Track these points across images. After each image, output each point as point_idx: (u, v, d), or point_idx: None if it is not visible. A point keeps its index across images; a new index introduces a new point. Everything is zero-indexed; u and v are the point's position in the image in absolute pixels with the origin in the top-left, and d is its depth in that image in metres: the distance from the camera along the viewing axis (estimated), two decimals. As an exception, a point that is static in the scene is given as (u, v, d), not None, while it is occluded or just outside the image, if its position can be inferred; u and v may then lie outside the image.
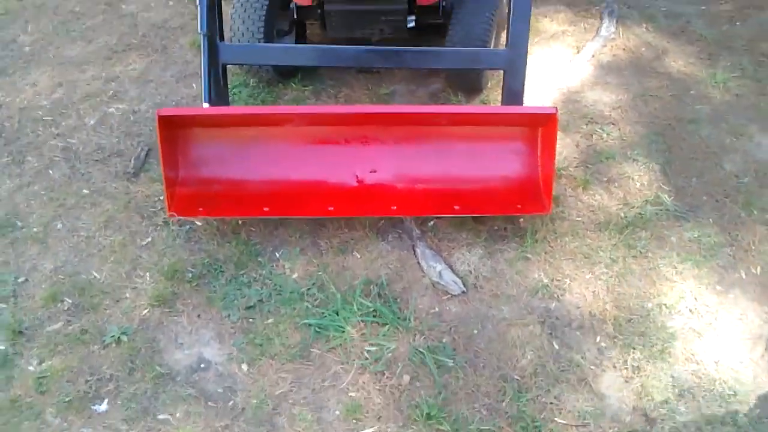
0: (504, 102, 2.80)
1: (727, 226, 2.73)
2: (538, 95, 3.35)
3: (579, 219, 2.76)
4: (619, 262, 2.59)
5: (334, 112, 2.77)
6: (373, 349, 2.35)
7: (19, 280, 2.59)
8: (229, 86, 3.04)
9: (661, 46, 3.72)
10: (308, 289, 2.54)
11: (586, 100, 3.34)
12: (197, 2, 2.67)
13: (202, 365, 2.33)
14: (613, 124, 3.20)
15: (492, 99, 3.36)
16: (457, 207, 2.61)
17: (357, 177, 2.70)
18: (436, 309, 2.48)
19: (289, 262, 2.64)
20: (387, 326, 2.41)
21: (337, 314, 2.44)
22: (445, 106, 3.19)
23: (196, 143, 2.67)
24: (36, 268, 2.64)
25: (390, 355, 2.33)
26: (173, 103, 3.41)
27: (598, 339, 2.36)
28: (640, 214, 2.77)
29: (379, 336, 2.38)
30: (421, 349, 2.33)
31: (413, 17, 3.08)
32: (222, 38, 2.84)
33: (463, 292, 2.51)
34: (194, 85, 3.49)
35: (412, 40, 3.11)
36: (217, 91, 2.81)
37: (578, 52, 3.66)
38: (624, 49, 3.69)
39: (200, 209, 2.60)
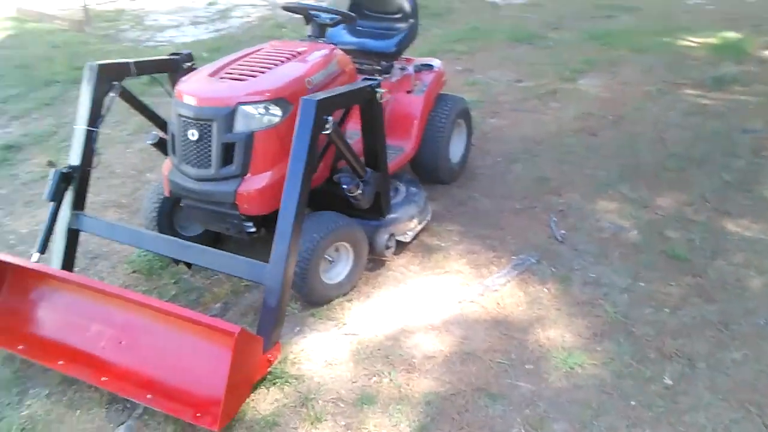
0: (261, 316, 2.72)
1: None
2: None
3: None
4: None
5: (81, 283, 2.87)
6: None
7: None
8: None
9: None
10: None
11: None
12: (50, 175, 3.11)
13: None
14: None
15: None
16: (149, 396, 2.48)
17: (102, 345, 2.70)
18: None
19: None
20: None
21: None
22: (156, 300, 2.98)
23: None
24: None
25: None
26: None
27: None
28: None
29: None
30: None
31: (251, 224, 3.17)
32: (82, 208, 3.24)
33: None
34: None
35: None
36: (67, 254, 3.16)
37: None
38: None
39: None
